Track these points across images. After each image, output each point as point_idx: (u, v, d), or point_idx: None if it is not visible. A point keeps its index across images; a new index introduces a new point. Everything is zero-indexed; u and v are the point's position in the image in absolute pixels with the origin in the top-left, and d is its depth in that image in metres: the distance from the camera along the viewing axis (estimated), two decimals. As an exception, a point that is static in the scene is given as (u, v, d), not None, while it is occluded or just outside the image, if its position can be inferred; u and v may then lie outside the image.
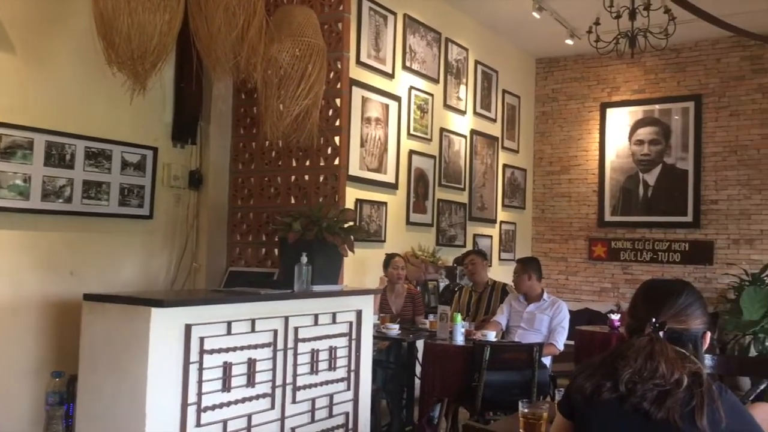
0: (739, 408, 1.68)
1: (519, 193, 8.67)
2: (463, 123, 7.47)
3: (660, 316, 1.75)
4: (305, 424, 3.36)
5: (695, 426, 1.59)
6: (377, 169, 6.10)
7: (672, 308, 1.77)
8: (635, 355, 1.67)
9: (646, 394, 1.62)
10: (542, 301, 5.12)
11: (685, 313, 1.78)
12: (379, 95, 6.12)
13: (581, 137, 8.76)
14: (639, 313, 1.81)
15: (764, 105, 7.67)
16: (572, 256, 8.74)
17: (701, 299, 1.84)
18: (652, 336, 1.71)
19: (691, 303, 1.80)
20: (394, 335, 4.81)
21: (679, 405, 1.60)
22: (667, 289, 1.85)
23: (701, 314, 1.81)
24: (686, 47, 8.03)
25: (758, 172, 7.67)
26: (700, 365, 1.69)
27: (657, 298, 1.81)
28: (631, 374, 1.65)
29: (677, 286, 1.85)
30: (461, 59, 7.39)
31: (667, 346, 1.69)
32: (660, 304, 1.78)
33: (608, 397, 1.67)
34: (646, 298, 1.85)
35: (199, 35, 3.41)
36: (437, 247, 6.82)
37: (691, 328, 1.78)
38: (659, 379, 1.63)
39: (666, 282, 1.93)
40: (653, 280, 1.98)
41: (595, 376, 1.71)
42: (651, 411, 1.61)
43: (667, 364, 1.64)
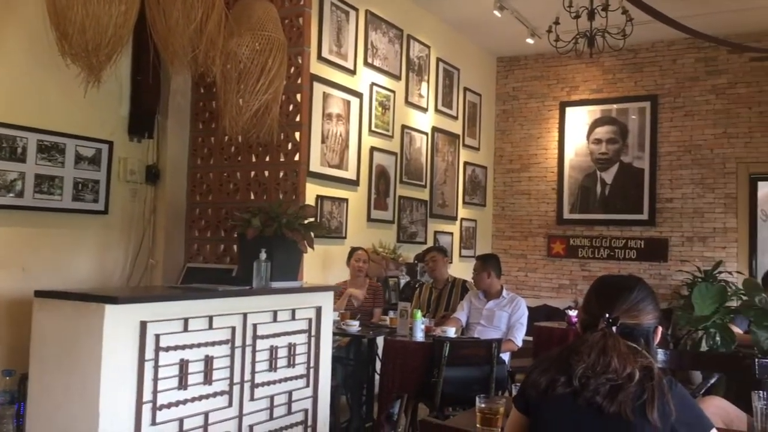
0: (688, 401, 1.72)
1: (480, 190, 8.74)
2: (425, 120, 7.50)
3: (613, 312, 1.77)
4: (263, 421, 3.33)
5: (646, 419, 1.61)
6: (338, 165, 6.08)
7: (625, 304, 1.80)
8: (588, 350, 1.69)
9: (599, 389, 1.64)
10: (501, 298, 5.17)
11: (637, 309, 1.81)
12: (341, 91, 6.10)
13: (541, 135, 8.86)
14: (592, 308, 1.84)
15: (717, 106, 7.85)
16: (531, 253, 8.84)
17: (653, 295, 1.88)
18: (605, 331, 1.73)
19: (643, 298, 1.83)
20: (354, 332, 4.80)
21: (630, 399, 1.62)
22: (619, 285, 1.87)
23: (653, 309, 1.84)
24: (643, 48, 8.18)
25: (711, 172, 7.86)
26: (651, 359, 1.71)
27: (610, 293, 1.84)
28: (584, 369, 1.67)
29: (630, 282, 1.88)
30: (423, 56, 7.41)
31: (620, 341, 1.71)
32: (613, 300, 1.80)
33: (562, 391, 1.68)
34: (599, 293, 1.87)
35: (156, 27, 3.35)
36: (398, 243, 6.83)
37: (643, 323, 1.81)
38: (612, 373, 1.65)
39: (619, 278, 1.95)
40: (606, 276, 2.01)
41: (550, 371, 1.73)
42: (604, 405, 1.63)
43: (620, 358, 1.66)
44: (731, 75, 7.79)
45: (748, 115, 7.69)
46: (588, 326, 1.82)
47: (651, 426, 1.61)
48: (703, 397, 2.80)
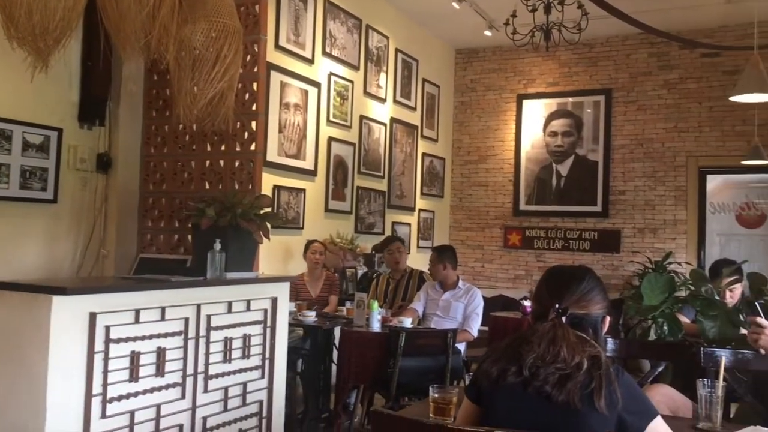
0: (634, 389, 1.75)
1: (437, 181, 8.78)
2: (383, 111, 7.49)
3: (563, 302, 1.80)
4: (217, 413, 3.30)
5: (593, 407, 1.64)
6: (296, 155, 6.04)
7: (574, 294, 1.83)
8: (539, 340, 1.72)
9: (549, 378, 1.67)
10: (457, 289, 5.21)
11: (586, 299, 1.84)
12: (299, 81, 6.05)
13: (498, 128, 8.94)
14: (543, 298, 1.87)
15: (669, 100, 8.03)
16: (488, 244, 8.93)
17: (601, 285, 1.91)
18: (555, 321, 1.76)
19: (592, 288, 1.87)
20: (311, 322, 4.79)
21: (578, 388, 1.65)
22: (569, 275, 1.91)
23: (601, 299, 1.88)
24: (598, 42, 8.30)
25: (662, 165, 8.04)
26: (599, 349, 1.74)
27: (560, 284, 1.87)
28: (534, 359, 1.69)
29: (579, 272, 1.91)
30: (382, 47, 7.40)
31: (569, 331, 1.74)
32: (563, 290, 1.84)
33: (513, 380, 1.70)
34: (550, 284, 1.90)
35: (107, 12, 3.27)
36: (356, 234, 6.83)
37: (592, 313, 1.84)
38: (561, 362, 1.67)
39: (569, 269, 1.98)
40: (557, 266, 2.03)
41: (501, 361, 1.75)
42: (553, 394, 1.66)
43: (569, 348, 1.69)
44: (682, 70, 7.96)
45: (698, 110, 7.88)
46: (539, 316, 1.85)
47: (598, 414, 1.64)
48: (651, 385, 2.87)
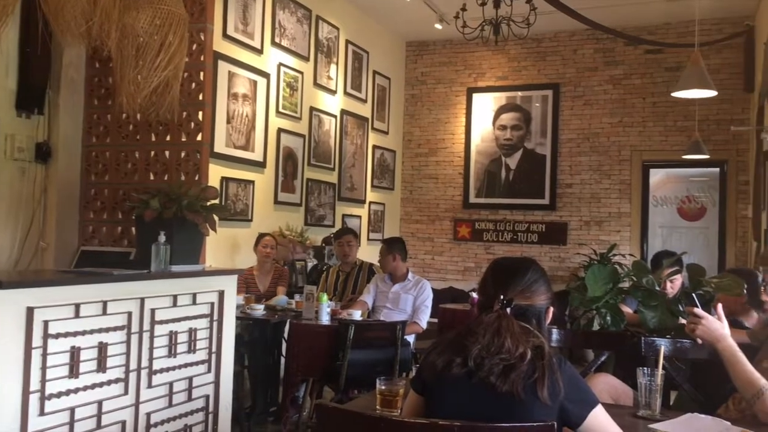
0: (576, 379, 1.78)
1: (388, 174, 8.79)
2: (334, 102, 7.45)
3: (507, 293, 1.82)
4: (162, 408, 3.24)
5: (536, 397, 1.66)
6: (244, 146, 5.96)
7: (519, 285, 1.85)
8: (483, 331, 1.73)
9: (493, 369, 1.68)
10: (407, 281, 5.23)
11: (530, 290, 1.86)
12: (247, 71, 5.97)
13: (448, 121, 8.99)
14: (488, 290, 1.88)
15: (614, 96, 8.20)
16: (438, 236, 8.99)
17: (545, 276, 1.93)
18: (500, 312, 1.77)
19: (536, 280, 1.89)
20: (259, 315, 4.74)
21: (522, 378, 1.67)
22: (514, 266, 1.93)
23: (545, 290, 1.90)
24: (546, 37, 8.42)
25: (608, 159, 8.21)
26: (543, 339, 1.77)
27: (505, 275, 1.89)
28: (479, 350, 1.70)
29: (524, 264, 1.93)
30: (332, 38, 7.35)
31: (513, 322, 1.75)
32: (508, 282, 1.85)
33: (458, 372, 1.71)
34: (495, 275, 1.92)
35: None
36: (306, 226, 6.79)
37: (536, 304, 1.86)
38: (505, 353, 1.69)
39: (513, 260, 2.00)
40: (502, 258, 2.06)
41: (446, 353, 1.76)
42: (497, 384, 1.67)
43: (513, 339, 1.70)
44: (627, 66, 8.14)
45: (642, 105, 8.07)
46: (484, 307, 1.86)
47: (541, 403, 1.66)
48: (594, 374, 2.93)
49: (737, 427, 2.13)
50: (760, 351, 2.61)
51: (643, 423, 2.17)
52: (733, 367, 2.36)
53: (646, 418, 2.23)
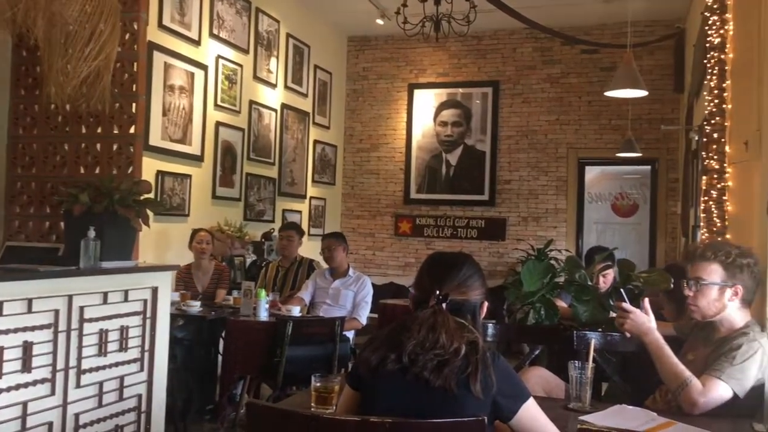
0: (509, 373, 1.81)
1: (329, 169, 8.75)
2: (274, 96, 7.37)
3: (443, 289, 1.82)
4: (91, 409, 3.14)
5: (469, 391, 1.68)
6: (181, 140, 5.84)
7: (455, 280, 1.86)
8: (419, 327, 1.73)
9: (427, 364, 1.68)
10: (347, 277, 5.21)
11: (465, 285, 1.87)
12: (184, 62, 5.84)
13: (390, 116, 9.00)
14: (424, 285, 1.89)
15: (552, 94, 8.35)
16: (379, 231, 9.00)
17: (480, 271, 1.95)
18: (435, 308, 1.78)
19: (471, 275, 1.90)
20: (195, 312, 4.66)
21: (455, 373, 1.68)
22: (449, 262, 1.93)
23: (480, 285, 1.92)
24: (486, 35, 8.51)
25: (545, 156, 8.37)
26: (477, 334, 1.78)
27: (440, 271, 1.89)
28: (414, 345, 1.70)
29: (459, 258, 1.94)
30: (272, 31, 7.26)
31: (449, 317, 1.76)
32: (443, 277, 1.86)
33: (392, 368, 1.71)
34: (431, 271, 1.92)
35: (-35, -20, 3.02)
36: (245, 222, 6.70)
37: (471, 299, 1.88)
38: (440, 349, 1.69)
39: (448, 255, 2.00)
40: (437, 253, 2.05)
41: (381, 349, 1.75)
42: (431, 379, 1.68)
43: (448, 334, 1.71)
44: (564, 65, 8.31)
45: (578, 104, 8.25)
46: (420, 302, 1.86)
47: (473, 397, 1.68)
48: (528, 368, 2.98)
49: (663, 418, 2.20)
50: (685, 344, 2.70)
51: (574, 415, 2.22)
52: (659, 360, 2.43)
53: (576, 410, 2.28)
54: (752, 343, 2.35)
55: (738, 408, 2.28)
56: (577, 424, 2.05)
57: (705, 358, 2.45)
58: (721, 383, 2.28)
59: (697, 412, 2.27)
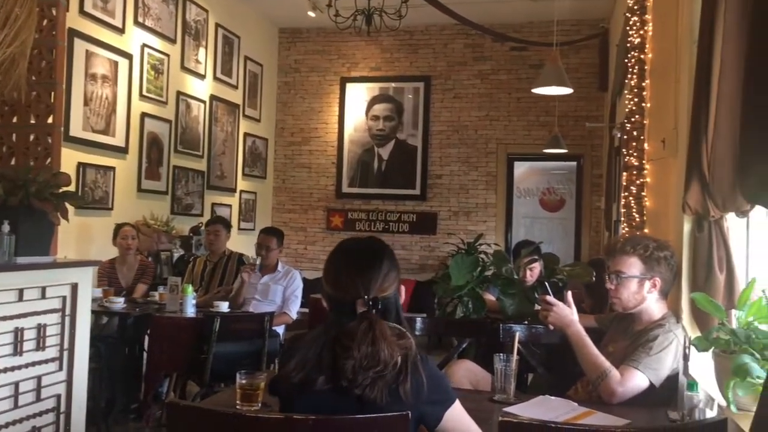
0: (437, 377, 1.72)
1: (260, 162, 8.64)
2: (202, 87, 7.21)
3: (371, 291, 1.68)
4: (6, 410, 3.00)
5: (399, 397, 1.60)
6: (104, 130, 5.65)
7: (378, 279, 1.71)
8: (359, 344, 1.58)
9: (364, 382, 1.57)
10: (277, 272, 5.16)
11: (388, 280, 1.73)
12: (107, 50, 5.65)
13: (322, 110, 8.95)
14: (344, 285, 1.71)
15: (482, 90, 8.47)
16: (311, 226, 8.95)
17: (393, 256, 1.80)
18: (371, 319, 1.63)
19: (390, 265, 1.75)
20: (119, 309, 4.52)
21: (388, 384, 1.59)
22: (369, 255, 1.76)
23: (396, 273, 1.77)
24: (418, 30, 8.56)
25: (475, 151, 8.49)
26: (410, 339, 1.66)
27: (363, 268, 1.72)
28: (353, 366, 1.57)
29: (377, 251, 1.78)
30: (201, 21, 7.10)
31: (385, 327, 1.62)
32: (368, 278, 1.70)
33: (321, 388, 1.59)
34: (350, 268, 1.74)
35: None
36: (172, 216, 6.54)
37: (392, 293, 1.74)
38: (381, 365, 1.57)
39: (365, 247, 1.82)
40: (351, 245, 1.84)
41: (308, 368, 1.61)
42: (364, 395, 1.58)
43: (388, 348, 1.59)
44: (494, 62, 8.43)
45: (508, 100, 8.39)
46: (340, 304, 1.71)
47: (403, 404, 1.59)
48: (455, 361, 3.01)
49: (583, 408, 2.26)
50: (605, 335, 2.78)
51: (498, 407, 2.25)
52: (580, 351, 2.50)
53: (501, 402, 2.32)
54: (668, 334, 2.44)
55: (654, 397, 2.37)
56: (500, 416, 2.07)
57: (624, 349, 2.53)
58: (639, 373, 2.36)
59: (616, 401, 2.35)
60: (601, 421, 2.11)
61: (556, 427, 1.64)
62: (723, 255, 2.42)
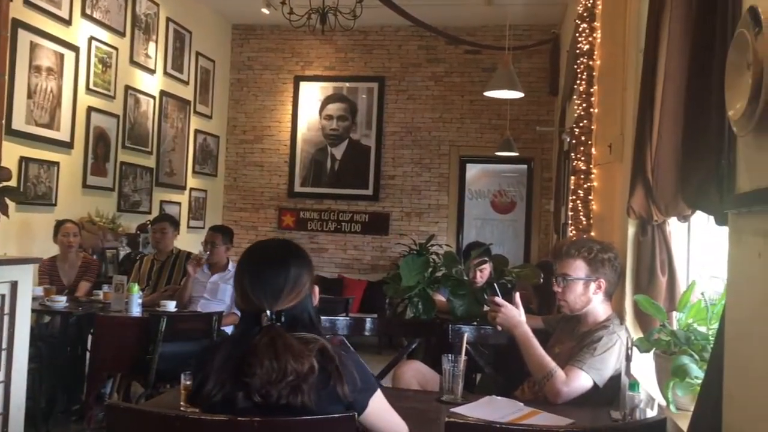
0: (361, 365, 1.72)
1: (211, 159, 8.51)
2: (152, 83, 7.07)
3: (277, 304, 1.64)
4: (-62, 414, 2.90)
5: (337, 396, 1.59)
6: (48, 124, 5.49)
7: (286, 288, 1.66)
8: (261, 359, 1.54)
9: (282, 392, 1.55)
10: (227, 271, 5.07)
11: (297, 287, 1.68)
12: (53, 42, 5.49)
13: (275, 108, 8.87)
14: (250, 298, 1.67)
15: (435, 92, 8.52)
16: (262, 225, 8.86)
17: (305, 257, 1.77)
18: (273, 333, 1.58)
19: (300, 271, 1.71)
20: (61, 308, 4.40)
21: (315, 388, 1.56)
22: (275, 263, 1.70)
23: (308, 275, 1.73)
24: (373, 31, 8.56)
25: (428, 152, 8.53)
26: (322, 340, 1.62)
27: (267, 282, 1.66)
28: (261, 381, 1.54)
29: (285, 258, 1.72)
30: (151, 14, 6.96)
31: (289, 339, 1.58)
32: (273, 291, 1.65)
33: (243, 405, 1.56)
34: (254, 280, 1.67)
35: None
36: (118, 213, 6.40)
37: (303, 297, 1.70)
38: (291, 375, 1.53)
39: (272, 253, 1.76)
40: (257, 250, 1.78)
41: (225, 385, 1.58)
42: (290, 402, 1.55)
43: (295, 358, 1.54)
44: (448, 64, 8.49)
45: (461, 103, 8.46)
46: (247, 314, 1.69)
47: (340, 400, 1.61)
48: (404, 361, 3.01)
49: (529, 408, 2.28)
50: (552, 336, 2.82)
51: (446, 407, 2.26)
52: (527, 351, 2.53)
53: (448, 403, 2.33)
54: (611, 335, 2.49)
55: (598, 397, 2.41)
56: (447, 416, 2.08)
57: (570, 350, 2.57)
58: (583, 373, 2.40)
59: (561, 401, 2.38)
60: (546, 421, 2.14)
61: (501, 427, 1.65)
62: (665, 258, 2.48)
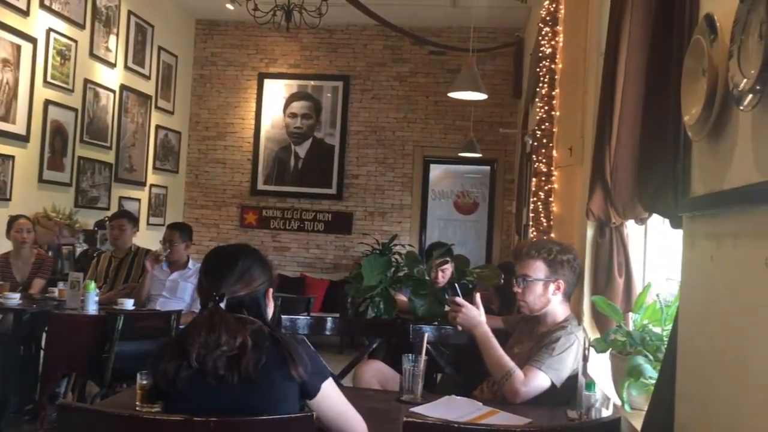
0: (313, 352, 1.86)
1: (172, 156, 8.40)
2: (112, 76, 6.95)
3: (221, 288, 1.80)
4: None
5: (291, 376, 1.70)
6: (4, 117, 5.36)
7: (232, 277, 1.83)
8: (198, 330, 1.70)
9: (218, 363, 1.67)
10: (187, 269, 5.00)
11: (245, 279, 1.84)
12: (10, 33, 5.36)
13: (239, 105, 8.79)
14: (202, 286, 1.86)
15: (400, 92, 8.54)
16: (224, 223, 8.78)
17: (260, 259, 1.93)
18: (212, 310, 1.75)
19: (250, 266, 1.87)
20: (14, 305, 4.29)
21: (253, 364, 1.67)
22: (224, 259, 1.90)
23: (261, 274, 1.89)
24: (339, 29, 8.53)
25: (392, 152, 8.55)
26: (260, 324, 1.78)
27: (216, 270, 1.86)
28: (198, 348, 1.67)
29: (234, 254, 1.91)
30: (112, 7, 6.84)
31: (227, 316, 1.74)
32: (219, 277, 1.83)
33: (187, 374, 1.68)
34: (208, 270, 1.88)
35: None
36: (75, 209, 6.27)
37: (253, 291, 1.85)
38: (225, 345, 1.67)
39: (224, 252, 1.97)
40: (213, 251, 1.99)
41: (173, 359, 1.70)
42: (226, 375, 1.66)
43: (228, 332, 1.69)
44: (413, 65, 8.51)
45: (425, 103, 8.49)
46: (204, 304, 1.83)
47: (290, 381, 1.71)
48: (365, 361, 3.01)
49: (488, 407, 2.30)
50: (511, 337, 2.85)
51: (405, 407, 2.26)
52: (486, 351, 2.55)
53: (408, 402, 2.34)
54: (569, 336, 2.52)
55: (556, 397, 2.44)
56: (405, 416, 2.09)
57: (529, 350, 2.60)
58: (541, 373, 2.43)
59: (519, 401, 2.40)
60: (504, 421, 2.15)
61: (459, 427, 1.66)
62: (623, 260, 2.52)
